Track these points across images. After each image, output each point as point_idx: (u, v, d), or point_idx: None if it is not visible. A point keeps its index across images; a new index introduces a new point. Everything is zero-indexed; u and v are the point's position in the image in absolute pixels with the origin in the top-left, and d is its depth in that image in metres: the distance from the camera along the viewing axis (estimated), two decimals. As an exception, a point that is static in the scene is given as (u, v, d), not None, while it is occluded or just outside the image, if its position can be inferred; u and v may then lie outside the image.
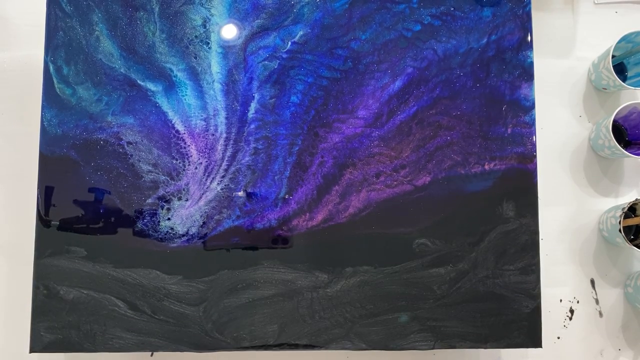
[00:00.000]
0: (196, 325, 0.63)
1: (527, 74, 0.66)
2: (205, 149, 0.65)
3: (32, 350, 0.63)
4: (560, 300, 0.78)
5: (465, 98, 0.66)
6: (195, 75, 0.66)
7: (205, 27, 0.66)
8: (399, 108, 0.66)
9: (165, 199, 0.64)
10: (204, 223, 0.64)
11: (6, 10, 0.80)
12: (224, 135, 0.65)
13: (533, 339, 0.64)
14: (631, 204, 0.73)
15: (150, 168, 0.65)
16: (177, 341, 0.63)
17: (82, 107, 0.65)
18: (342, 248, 0.64)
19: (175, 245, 0.64)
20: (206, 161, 0.65)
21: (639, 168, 0.80)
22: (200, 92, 0.65)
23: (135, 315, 0.63)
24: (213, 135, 0.65)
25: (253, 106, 0.65)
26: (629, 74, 0.80)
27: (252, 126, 0.65)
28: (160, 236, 0.64)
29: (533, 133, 0.66)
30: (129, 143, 0.65)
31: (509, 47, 0.67)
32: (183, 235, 0.64)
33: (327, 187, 0.65)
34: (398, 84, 0.66)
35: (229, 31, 0.66)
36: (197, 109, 0.65)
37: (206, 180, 0.65)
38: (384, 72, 0.66)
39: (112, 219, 0.64)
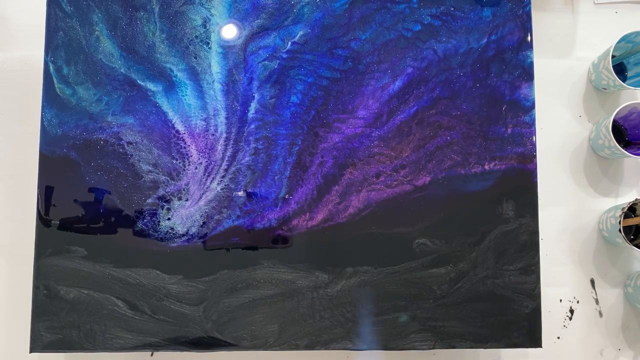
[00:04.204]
0: (196, 325, 0.63)
1: (527, 74, 0.66)
2: (205, 149, 0.65)
3: (32, 350, 0.63)
4: (560, 300, 0.78)
5: (465, 98, 0.66)
6: (195, 75, 0.66)
7: (205, 27, 0.66)
8: (399, 108, 0.66)
9: (165, 199, 0.64)
10: (204, 223, 0.64)
11: (6, 10, 0.80)
12: (224, 135, 0.65)
13: (533, 339, 0.64)
14: (631, 204, 0.73)
15: (150, 168, 0.65)
16: (177, 341, 0.63)
17: (82, 107, 0.65)
18: (342, 248, 0.64)
19: (175, 245, 0.64)
20: (206, 161, 0.65)
21: (639, 168, 0.80)
22: (200, 92, 0.65)
23: (135, 315, 0.63)
24: (213, 135, 0.65)
25: (253, 106, 0.65)
26: (629, 74, 0.80)
27: (252, 126, 0.65)
28: (160, 236, 0.64)
29: (533, 133, 0.66)
30: (129, 143, 0.65)
31: (509, 47, 0.67)
32: (183, 235, 0.64)
33: (327, 187, 0.65)
34: (398, 84, 0.66)
35: (229, 31, 0.66)
36: (197, 109, 0.65)
37: (206, 180, 0.65)
38: (384, 72, 0.66)
39: (112, 218, 0.64)
